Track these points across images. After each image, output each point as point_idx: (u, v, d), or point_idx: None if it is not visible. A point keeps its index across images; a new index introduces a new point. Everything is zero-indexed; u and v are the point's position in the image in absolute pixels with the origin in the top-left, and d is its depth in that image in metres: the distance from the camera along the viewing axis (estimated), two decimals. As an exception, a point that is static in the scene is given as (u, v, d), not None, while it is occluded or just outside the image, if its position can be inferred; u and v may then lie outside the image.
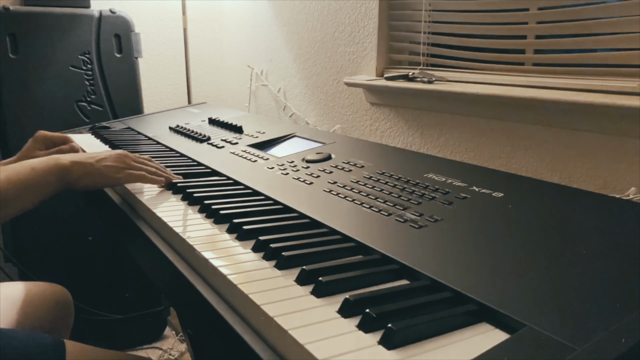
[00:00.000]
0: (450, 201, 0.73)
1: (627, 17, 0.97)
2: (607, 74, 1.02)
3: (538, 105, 1.07)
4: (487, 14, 1.23)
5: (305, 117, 1.83)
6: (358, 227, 0.69)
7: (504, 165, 1.19)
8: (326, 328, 0.47)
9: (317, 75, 1.76)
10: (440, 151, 1.34)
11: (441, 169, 0.87)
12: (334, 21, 1.64)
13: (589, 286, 0.50)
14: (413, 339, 0.45)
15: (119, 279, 1.88)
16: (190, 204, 0.84)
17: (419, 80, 1.32)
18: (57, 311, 1.14)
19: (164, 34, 2.16)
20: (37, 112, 1.70)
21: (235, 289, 0.54)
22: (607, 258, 0.55)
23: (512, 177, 0.83)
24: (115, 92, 1.83)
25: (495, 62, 1.23)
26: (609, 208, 0.69)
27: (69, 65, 1.75)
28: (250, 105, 2.14)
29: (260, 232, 0.69)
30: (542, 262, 0.55)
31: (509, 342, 0.44)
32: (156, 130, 1.49)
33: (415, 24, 1.39)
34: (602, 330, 0.43)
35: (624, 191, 0.97)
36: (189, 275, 0.63)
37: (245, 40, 2.14)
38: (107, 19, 1.79)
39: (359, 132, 1.60)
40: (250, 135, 1.27)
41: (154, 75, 2.17)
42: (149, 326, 1.99)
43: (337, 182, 0.86)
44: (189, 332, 1.11)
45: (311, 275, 0.56)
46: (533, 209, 0.69)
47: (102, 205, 1.05)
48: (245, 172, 1.00)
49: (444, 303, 0.51)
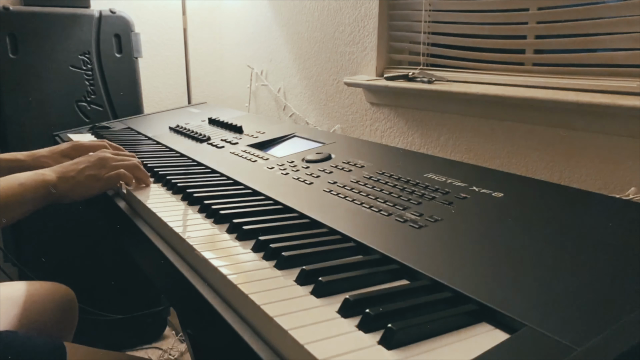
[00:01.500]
0: (450, 201, 0.73)
1: (627, 17, 0.97)
2: (607, 74, 1.02)
3: (538, 105, 1.07)
4: (487, 14, 1.23)
5: (305, 117, 1.83)
6: (358, 227, 0.69)
7: (504, 165, 1.19)
8: (326, 328, 0.47)
9: (317, 75, 1.76)
10: (440, 151, 1.34)
11: (441, 169, 0.87)
12: (334, 21, 1.64)
13: (589, 286, 0.50)
14: (413, 339, 0.45)
15: (118, 279, 1.88)
16: (190, 204, 0.84)
17: (419, 80, 1.32)
18: (61, 311, 1.14)
19: (164, 34, 2.16)
20: (37, 112, 1.70)
21: (235, 289, 0.54)
22: (607, 258, 0.55)
23: (512, 177, 0.83)
24: (115, 92, 1.83)
25: (495, 62, 1.23)
26: (608, 208, 0.69)
27: (69, 65, 1.75)
28: (250, 105, 2.14)
29: (260, 232, 0.69)
30: (542, 262, 0.55)
31: (509, 342, 0.44)
32: (156, 130, 1.49)
33: (415, 24, 1.39)
34: (602, 330, 0.43)
35: (624, 191, 0.97)
36: (189, 275, 0.63)
37: (245, 40, 2.14)
38: (107, 19, 1.79)
39: (359, 132, 1.60)
40: (250, 135, 1.27)
41: (154, 75, 2.17)
42: (149, 326, 1.98)
43: (337, 182, 0.86)
44: (189, 332, 1.11)
45: (311, 275, 0.56)
46: (533, 209, 0.69)
47: (102, 206, 1.05)
48: (245, 172, 1.00)
49: (444, 303, 0.51)
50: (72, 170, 0.92)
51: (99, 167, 0.94)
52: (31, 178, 0.88)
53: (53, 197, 0.90)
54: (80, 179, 0.92)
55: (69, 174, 0.92)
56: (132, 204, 0.91)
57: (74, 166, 0.94)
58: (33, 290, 1.12)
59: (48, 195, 0.89)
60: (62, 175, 0.91)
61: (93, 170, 0.93)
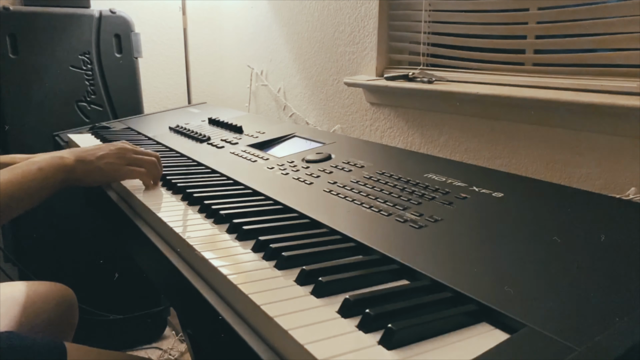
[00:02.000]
0: (450, 201, 0.73)
1: (627, 17, 0.97)
2: (607, 74, 1.02)
3: (538, 105, 1.07)
4: (487, 14, 1.23)
5: (305, 117, 1.83)
6: (358, 227, 0.69)
7: (504, 165, 1.19)
8: (326, 328, 0.47)
9: (317, 75, 1.76)
10: (440, 151, 1.34)
11: (441, 169, 0.87)
12: (334, 21, 1.64)
13: (589, 286, 0.50)
14: (413, 339, 0.45)
15: (118, 279, 1.88)
16: (190, 204, 0.84)
17: (419, 80, 1.32)
18: (61, 311, 1.14)
19: (164, 34, 2.16)
20: (37, 112, 1.70)
21: (235, 289, 0.54)
22: (607, 258, 0.55)
23: (512, 177, 0.83)
24: (115, 92, 1.83)
25: (495, 62, 1.23)
26: (609, 208, 0.69)
27: (69, 65, 1.75)
28: (250, 105, 2.14)
29: (260, 232, 0.69)
30: (542, 262, 0.55)
31: (509, 342, 0.44)
32: (156, 130, 1.49)
33: (415, 24, 1.39)
34: (602, 330, 0.43)
35: (624, 191, 0.97)
36: (189, 275, 0.63)
37: (245, 40, 2.14)
38: (107, 19, 1.79)
39: (359, 132, 1.60)
40: (250, 135, 1.27)
41: (154, 75, 2.17)
42: (149, 326, 1.98)
43: (337, 182, 0.86)
44: (189, 332, 1.11)
45: (311, 276, 0.56)
46: (533, 209, 0.69)
47: (101, 206, 1.05)
48: (245, 172, 1.00)
49: (444, 303, 0.51)
50: (92, 155, 0.92)
51: (118, 157, 0.94)
52: (49, 162, 0.87)
53: (71, 179, 0.89)
54: (99, 165, 0.92)
55: (87, 158, 0.91)
56: (132, 204, 0.91)
57: (93, 151, 0.93)
58: (33, 290, 1.12)
59: (66, 178, 0.89)
60: (81, 159, 0.91)
61: (112, 159, 0.93)
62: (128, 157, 0.95)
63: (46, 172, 0.86)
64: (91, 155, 0.92)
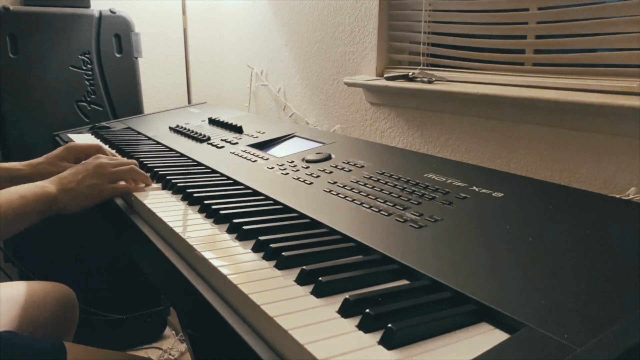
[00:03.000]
0: (450, 201, 0.73)
1: (627, 17, 0.97)
2: (607, 74, 1.02)
3: (538, 105, 1.07)
4: (487, 14, 1.23)
5: (305, 117, 1.83)
6: (358, 227, 0.69)
7: (504, 165, 1.19)
8: (326, 328, 0.47)
9: (317, 75, 1.76)
10: (440, 151, 1.34)
11: (441, 169, 0.87)
12: (334, 21, 1.64)
13: (589, 286, 0.50)
14: (413, 339, 0.45)
15: (118, 279, 1.88)
16: (190, 204, 0.84)
17: (419, 80, 1.32)
18: (61, 311, 1.14)
19: (164, 34, 2.16)
20: (37, 112, 1.70)
21: (235, 289, 0.54)
22: (606, 258, 0.55)
23: (512, 177, 0.83)
24: (115, 92, 1.84)
25: (495, 62, 1.23)
26: (609, 208, 0.69)
27: (69, 65, 1.75)
28: (250, 105, 2.14)
29: (260, 232, 0.69)
30: (542, 262, 0.55)
31: (509, 342, 0.44)
32: (156, 130, 1.49)
33: (415, 24, 1.39)
34: (602, 330, 0.43)
35: (624, 191, 0.97)
36: (189, 276, 0.63)
37: (245, 40, 2.14)
38: (107, 19, 1.79)
39: (359, 132, 1.60)
40: (250, 135, 1.27)
41: (154, 75, 2.17)
42: (149, 326, 1.98)
43: (337, 182, 0.86)
44: (189, 332, 1.11)
45: (311, 275, 0.56)
46: (533, 209, 0.69)
47: (101, 206, 1.05)
48: (245, 172, 1.00)
49: (444, 303, 0.51)
50: (72, 181, 0.92)
51: (98, 176, 0.93)
52: (32, 191, 0.87)
53: (54, 209, 0.90)
54: (81, 190, 0.91)
55: (69, 185, 0.91)
56: (132, 203, 0.91)
57: (73, 177, 0.93)
58: (33, 290, 1.12)
59: (49, 207, 0.89)
60: (63, 187, 0.91)
61: (93, 179, 0.92)
62: (107, 173, 0.94)
63: (28, 200, 0.86)
64: (72, 182, 0.92)
